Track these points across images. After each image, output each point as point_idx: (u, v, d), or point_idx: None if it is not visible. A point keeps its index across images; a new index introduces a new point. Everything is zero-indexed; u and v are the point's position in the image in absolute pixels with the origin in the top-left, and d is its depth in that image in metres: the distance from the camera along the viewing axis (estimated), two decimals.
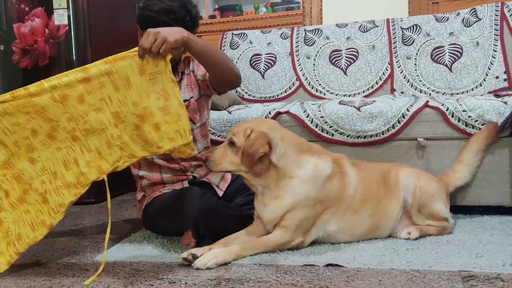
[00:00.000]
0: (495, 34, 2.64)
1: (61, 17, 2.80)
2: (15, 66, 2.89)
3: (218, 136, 2.33)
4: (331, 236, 1.69)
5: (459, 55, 2.69)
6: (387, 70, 2.81)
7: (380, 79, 2.81)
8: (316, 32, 3.04)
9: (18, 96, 1.45)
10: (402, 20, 2.91)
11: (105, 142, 1.50)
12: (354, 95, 2.81)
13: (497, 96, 2.19)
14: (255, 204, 1.70)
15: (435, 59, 2.74)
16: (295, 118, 2.26)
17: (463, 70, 2.66)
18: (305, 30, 3.07)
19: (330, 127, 2.19)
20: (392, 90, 2.76)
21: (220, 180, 1.95)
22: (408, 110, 2.12)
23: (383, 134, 2.14)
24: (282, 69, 3.00)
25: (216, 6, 4.06)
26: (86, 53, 2.87)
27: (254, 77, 3.03)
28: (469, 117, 2.04)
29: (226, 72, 1.73)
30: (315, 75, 2.94)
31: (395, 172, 1.82)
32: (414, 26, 2.86)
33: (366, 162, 1.94)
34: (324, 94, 2.87)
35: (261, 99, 2.96)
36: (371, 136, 2.15)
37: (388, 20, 2.94)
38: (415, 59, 2.79)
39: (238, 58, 3.10)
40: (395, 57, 2.83)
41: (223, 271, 1.47)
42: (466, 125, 2.04)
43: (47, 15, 2.81)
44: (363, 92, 2.81)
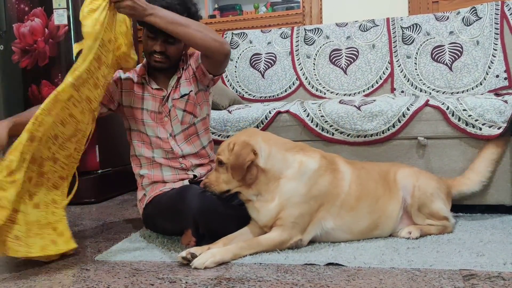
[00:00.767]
0: (495, 33, 2.64)
1: (61, 17, 2.80)
2: (15, 66, 2.89)
3: (218, 136, 2.33)
4: (330, 234, 1.69)
5: (459, 54, 2.69)
6: (387, 69, 2.81)
7: (380, 78, 2.81)
8: (316, 32, 3.03)
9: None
10: (402, 19, 2.91)
11: (93, 86, 1.64)
12: (354, 95, 2.81)
13: (498, 95, 2.18)
14: (248, 211, 1.71)
15: (435, 58, 2.74)
16: (295, 118, 2.25)
17: (463, 69, 2.66)
18: (305, 30, 3.07)
19: (331, 127, 2.19)
20: (392, 89, 2.76)
21: None
22: (409, 109, 2.12)
23: (384, 133, 2.14)
24: (282, 69, 3.00)
25: (216, 6, 4.05)
26: None
27: (254, 77, 3.03)
28: (470, 116, 2.04)
29: (206, 40, 1.73)
30: (315, 75, 2.94)
31: (394, 172, 1.82)
32: (414, 25, 2.86)
33: (364, 162, 1.94)
34: (324, 94, 2.87)
35: (261, 99, 2.96)
36: (372, 135, 2.15)
37: (388, 19, 2.93)
38: (415, 58, 2.79)
39: (238, 58, 3.10)
40: (395, 56, 2.83)
41: (224, 271, 1.46)
42: (467, 124, 2.04)
43: (47, 15, 2.81)
44: (363, 92, 2.80)
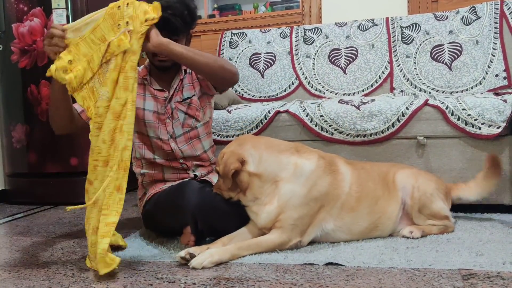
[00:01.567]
0: (495, 32, 2.64)
1: (60, 17, 2.80)
2: (14, 66, 2.89)
3: (218, 136, 2.33)
4: (329, 235, 1.69)
5: (459, 54, 2.69)
6: (387, 69, 2.81)
7: (380, 78, 2.81)
8: (316, 31, 3.03)
9: None
10: (402, 19, 2.91)
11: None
12: (354, 94, 2.81)
13: (497, 94, 2.18)
14: (248, 213, 1.71)
15: (435, 58, 2.74)
16: (295, 117, 2.25)
17: (463, 69, 2.65)
18: (305, 29, 3.07)
19: (330, 126, 2.19)
20: (392, 89, 2.76)
21: None
22: (408, 109, 2.12)
23: (383, 133, 2.14)
24: (282, 68, 3.00)
25: (215, 6, 4.05)
26: None
27: (254, 77, 3.02)
28: (469, 116, 2.04)
29: (218, 72, 1.78)
30: (315, 74, 2.94)
31: (393, 174, 1.82)
32: (414, 25, 2.86)
33: (363, 162, 1.93)
34: (324, 93, 2.87)
35: (261, 98, 2.96)
36: (371, 135, 2.15)
37: (388, 19, 2.93)
38: (415, 58, 2.79)
39: (238, 58, 3.10)
40: (395, 56, 2.82)
41: (223, 270, 1.46)
42: (466, 124, 2.04)
43: (46, 15, 2.81)
44: (363, 91, 2.80)
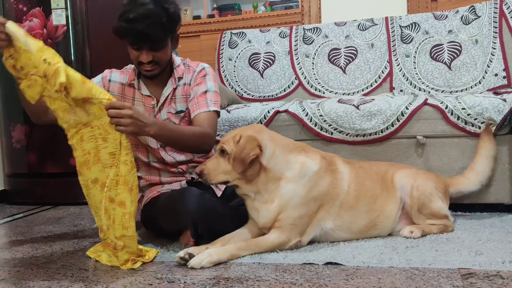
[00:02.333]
0: (494, 32, 2.64)
1: (59, 17, 2.80)
2: None
3: (218, 136, 2.32)
4: (329, 234, 1.69)
5: (458, 53, 2.69)
6: (386, 68, 2.81)
7: (379, 78, 2.81)
8: (315, 31, 3.03)
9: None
10: (401, 18, 2.91)
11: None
12: (353, 94, 2.81)
13: (496, 94, 2.18)
14: (248, 210, 1.71)
15: (434, 57, 2.74)
16: (294, 117, 2.25)
17: (462, 68, 2.65)
18: (304, 29, 3.07)
19: (329, 126, 2.19)
20: (391, 88, 2.76)
21: None
22: (407, 108, 2.12)
23: (382, 133, 2.13)
24: (281, 68, 3.00)
25: (215, 6, 4.05)
26: (85, 54, 2.87)
27: (253, 76, 3.02)
28: (468, 115, 2.04)
29: (196, 150, 1.80)
30: (314, 74, 2.94)
31: (392, 173, 1.82)
32: (413, 24, 2.85)
33: (361, 161, 1.94)
34: (323, 93, 2.87)
35: (260, 98, 2.96)
36: (370, 135, 2.15)
37: (387, 18, 2.93)
38: (414, 57, 2.79)
39: (237, 57, 3.10)
40: (394, 55, 2.82)
41: (222, 270, 1.46)
42: (466, 123, 2.04)
43: (45, 15, 2.81)
44: (362, 91, 2.80)
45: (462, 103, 2.07)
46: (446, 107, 2.07)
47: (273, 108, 2.31)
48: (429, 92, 2.65)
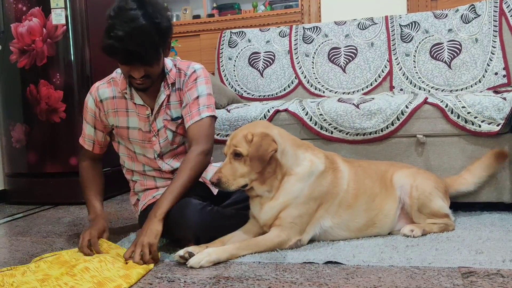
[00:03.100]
0: (494, 31, 2.63)
1: (59, 17, 2.80)
2: (13, 66, 2.89)
3: (217, 135, 2.32)
4: (328, 233, 1.69)
5: (458, 52, 2.69)
6: (386, 68, 2.81)
7: (379, 77, 2.80)
8: (315, 30, 3.03)
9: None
10: (401, 17, 2.91)
11: None
12: (353, 93, 2.80)
13: (496, 93, 2.18)
14: (251, 207, 1.70)
15: (434, 56, 2.74)
16: (294, 116, 2.25)
17: (462, 67, 2.65)
18: (304, 28, 3.07)
19: (329, 125, 2.19)
20: (391, 87, 2.76)
21: None
22: (407, 107, 2.12)
23: (382, 131, 2.13)
24: (281, 67, 3.00)
25: (215, 5, 4.05)
26: (84, 53, 2.87)
27: (253, 76, 3.02)
28: (469, 113, 2.04)
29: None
30: (314, 73, 2.94)
31: (391, 173, 1.82)
32: (413, 23, 2.85)
33: (360, 160, 1.94)
34: (323, 92, 2.87)
35: (260, 98, 2.95)
36: (370, 134, 2.15)
37: (387, 17, 2.93)
38: (414, 56, 2.78)
39: (237, 57, 3.10)
40: (394, 54, 2.82)
41: (222, 269, 1.46)
42: (466, 122, 2.04)
43: (45, 15, 2.81)
44: (362, 90, 2.80)
45: (462, 102, 2.06)
46: (446, 106, 2.07)
47: (273, 107, 2.31)
48: (429, 91, 2.65)
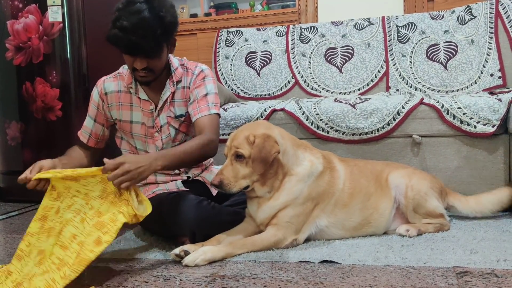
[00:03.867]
0: (490, 32, 2.65)
1: (55, 14, 2.79)
2: (9, 63, 2.87)
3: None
4: (323, 232, 1.69)
5: (454, 53, 2.70)
6: (383, 68, 2.82)
7: (376, 77, 2.81)
8: (312, 30, 3.04)
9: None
10: (398, 18, 2.92)
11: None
12: (350, 93, 2.81)
13: (492, 94, 2.19)
14: (248, 205, 1.70)
15: (430, 57, 2.75)
16: (291, 116, 2.25)
17: (458, 68, 2.67)
18: (301, 28, 3.07)
19: (326, 125, 2.19)
20: (388, 88, 2.77)
21: None
22: (403, 107, 2.13)
23: (378, 132, 2.14)
24: (278, 67, 3.00)
25: (212, 4, 4.05)
26: (81, 51, 2.86)
27: (250, 75, 3.02)
28: (464, 114, 2.05)
29: (202, 160, 1.79)
30: (311, 73, 2.94)
31: (387, 173, 1.82)
32: (410, 24, 2.86)
33: (356, 159, 1.94)
34: (320, 92, 2.87)
35: (257, 97, 2.96)
36: (366, 134, 2.15)
37: (384, 18, 2.94)
38: (410, 57, 2.79)
39: (234, 56, 3.10)
40: (391, 55, 2.83)
41: (218, 268, 1.46)
42: (461, 122, 2.05)
43: (41, 12, 2.79)
44: (359, 90, 2.81)
45: (458, 103, 2.07)
46: (442, 107, 2.08)
47: (270, 107, 2.31)
48: (425, 92, 2.66)
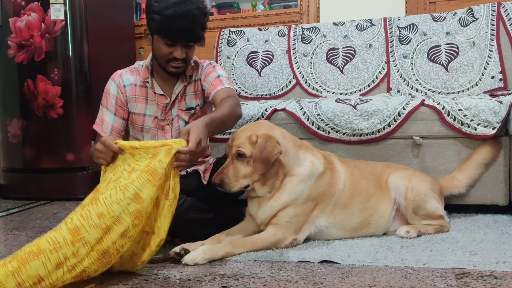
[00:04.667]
0: (491, 34, 2.65)
1: (58, 12, 2.79)
2: (11, 61, 2.88)
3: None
4: (323, 232, 1.70)
5: (456, 55, 2.70)
6: (384, 69, 2.82)
7: (377, 78, 2.81)
8: (313, 30, 3.04)
9: None
10: (399, 19, 2.92)
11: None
12: (351, 94, 2.81)
13: (493, 96, 2.20)
14: (249, 205, 1.71)
15: (432, 59, 2.75)
16: (292, 116, 2.26)
17: (459, 70, 2.67)
18: (302, 28, 3.07)
19: (326, 125, 2.19)
20: (389, 89, 2.77)
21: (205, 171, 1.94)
22: (404, 109, 2.13)
23: (379, 133, 2.14)
24: (279, 67, 3.00)
25: (214, 3, 4.05)
26: (83, 49, 2.86)
27: (251, 75, 3.02)
28: (465, 116, 2.05)
29: (235, 122, 1.77)
30: (312, 73, 2.94)
31: (387, 175, 1.83)
32: (411, 25, 2.86)
33: (356, 160, 1.95)
34: (321, 92, 2.87)
35: (258, 97, 2.96)
36: (367, 134, 2.15)
37: (385, 19, 2.94)
38: (412, 58, 2.80)
39: (235, 56, 3.10)
40: (392, 56, 2.83)
41: (218, 267, 1.47)
42: (462, 124, 2.05)
43: (44, 10, 2.80)
44: (360, 91, 2.81)
45: (459, 104, 2.08)
46: (443, 108, 2.08)
47: (271, 107, 2.31)
48: (426, 93, 2.66)
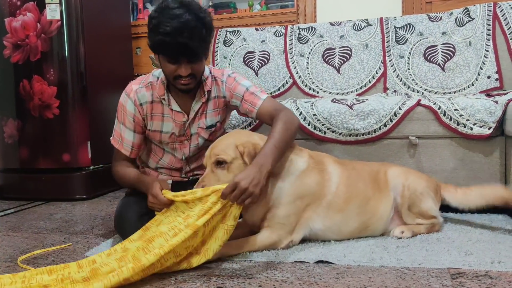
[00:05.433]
0: (487, 34, 2.65)
1: (53, 12, 2.78)
2: (6, 61, 2.87)
3: None
4: (319, 236, 1.69)
5: (452, 55, 2.71)
6: (380, 69, 2.82)
7: (373, 78, 2.82)
8: (310, 30, 3.04)
9: None
10: (396, 19, 2.92)
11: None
12: (347, 94, 2.81)
13: (489, 96, 2.20)
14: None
15: (428, 58, 2.75)
16: None
17: (456, 70, 2.67)
18: (299, 28, 3.07)
19: (323, 125, 2.19)
20: (385, 89, 2.77)
21: None
22: (400, 109, 2.13)
23: (375, 133, 2.14)
24: (276, 67, 3.00)
25: (210, 3, 4.05)
26: (79, 49, 2.86)
27: (248, 75, 3.02)
28: (461, 116, 2.05)
29: (295, 134, 1.76)
30: (309, 73, 2.94)
31: (384, 172, 1.82)
32: (408, 25, 2.87)
33: (354, 162, 1.94)
34: (317, 92, 2.88)
35: None
36: (363, 134, 2.16)
37: (382, 19, 2.94)
38: (408, 58, 2.80)
39: (232, 56, 3.10)
40: (388, 56, 2.83)
41: (213, 268, 1.46)
42: (458, 124, 2.06)
43: (39, 10, 2.79)
44: (356, 91, 2.81)
45: (455, 104, 2.08)
46: (439, 108, 2.09)
47: None
48: (423, 93, 2.66)
